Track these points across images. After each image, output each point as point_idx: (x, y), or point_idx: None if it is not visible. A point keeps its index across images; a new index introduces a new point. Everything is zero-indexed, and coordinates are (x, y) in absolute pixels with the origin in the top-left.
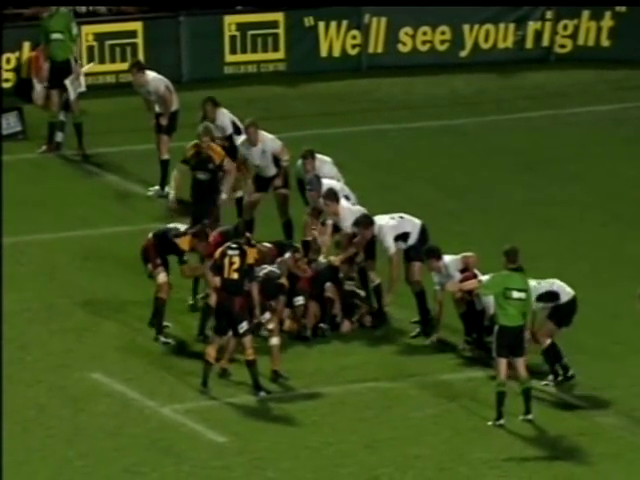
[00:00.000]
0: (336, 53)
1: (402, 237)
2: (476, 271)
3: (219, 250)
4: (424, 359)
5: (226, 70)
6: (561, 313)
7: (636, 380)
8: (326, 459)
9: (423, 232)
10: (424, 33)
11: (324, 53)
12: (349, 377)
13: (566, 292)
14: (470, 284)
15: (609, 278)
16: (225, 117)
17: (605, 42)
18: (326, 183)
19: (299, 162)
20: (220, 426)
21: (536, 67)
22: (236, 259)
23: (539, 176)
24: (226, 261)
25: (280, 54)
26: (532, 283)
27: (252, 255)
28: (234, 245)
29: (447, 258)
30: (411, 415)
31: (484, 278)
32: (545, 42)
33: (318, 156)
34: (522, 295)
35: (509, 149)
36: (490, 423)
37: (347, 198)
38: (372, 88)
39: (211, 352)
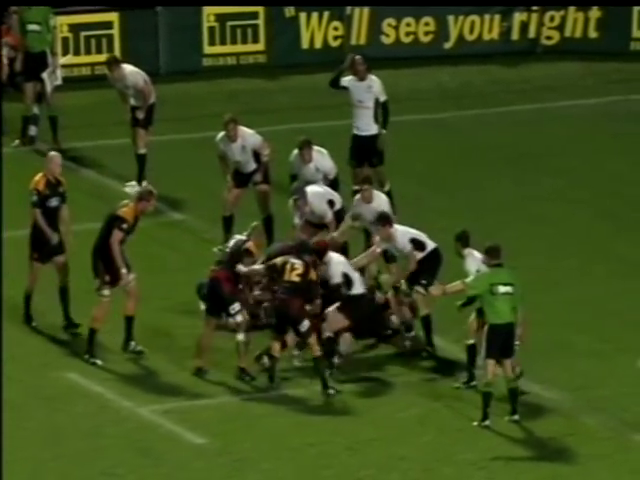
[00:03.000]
0: (318, 45)
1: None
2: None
3: (280, 259)
4: (408, 359)
5: (205, 62)
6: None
7: (625, 379)
8: (308, 460)
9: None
10: (407, 24)
11: (305, 45)
12: (332, 377)
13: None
14: (455, 287)
15: (598, 275)
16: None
17: (593, 34)
18: (310, 191)
19: (294, 154)
20: (199, 427)
21: (522, 59)
22: (299, 266)
23: (526, 171)
24: (288, 266)
25: (260, 46)
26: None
27: (314, 274)
28: (297, 259)
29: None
30: (395, 415)
31: (468, 279)
32: (531, 34)
33: (315, 147)
34: (509, 289)
35: (496, 144)
36: (476, 424)
37: (331, 203)
38: None
39: (276, 346)
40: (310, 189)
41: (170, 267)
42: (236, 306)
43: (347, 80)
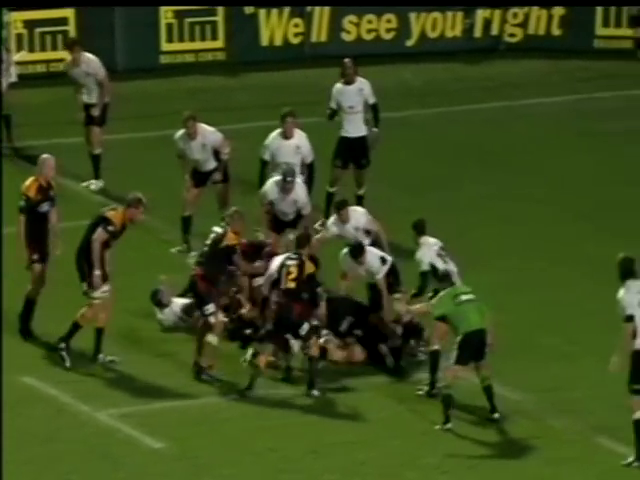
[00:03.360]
0: (278, 42)
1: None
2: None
3: (277, 263)
4: (372, 363)
5: (162, 60)
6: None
7: (593, 382)
8: (270, 465)
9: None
10: (369, 21)
11: (265, 42)
12: (295, 380)
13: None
14: (420, 309)
15: (567, 277)
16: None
17: (556, 31)
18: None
19: (272, 135)
20: (158, 431)
21: (485, 57)
22: (293, 269)
23: (493, 170)
24: (283, 271)
25: (219, 43)
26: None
27: (310, 267)
28: (294, 255)
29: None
30: (359, 419)
31: (433, 301)
32: (494, 31)
33: (297, 132)
34: (471, 296)
35: (461, 142)
36: (438, 427)
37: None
38: (316, 79)
39: (262, 358)
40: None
41: (130, 268)
42: (210, 307)
43: (336, 90)
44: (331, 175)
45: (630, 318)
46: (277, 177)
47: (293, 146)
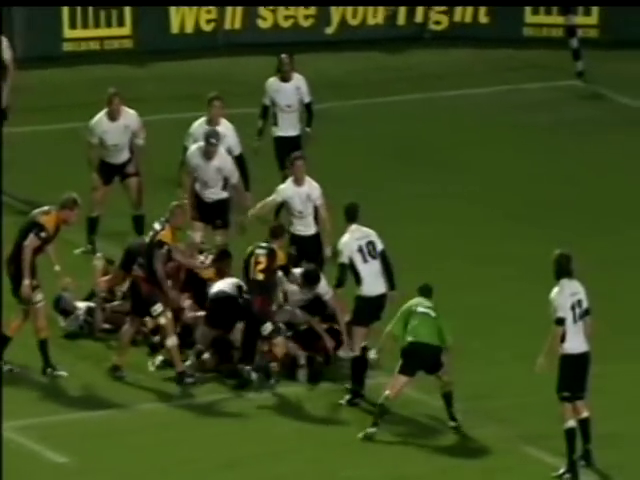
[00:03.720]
0: (189, 29)
1: None
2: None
3: (248, 250)
4: (286, 370)
5: (65, 47)
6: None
7: (523, 389)
8: None
9: None
10: (286, 8)
11: (175, 29)
12: (207, 389)
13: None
14: (386, 341)
15: (492, 278)
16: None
17: (483, 19)
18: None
19: (197, 123)
20: (61, 444)
21: (409, 45)
22: (263, 259)
23: (415, 166)
24: (252, 260)
25: (126, 30)
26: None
27: (282, 258)
28: (264, 244)
29: None
30: (274, 430)
31: (389, 328)
32: (418, 18)
33: (224, 121)
34: (429, 312)
35: (382, 136)
36: (361, 435)
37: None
38: (230, 68)
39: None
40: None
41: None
42: (157, 307)
43: (270, 86)
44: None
45: (561, 321)
46: (200, 143)
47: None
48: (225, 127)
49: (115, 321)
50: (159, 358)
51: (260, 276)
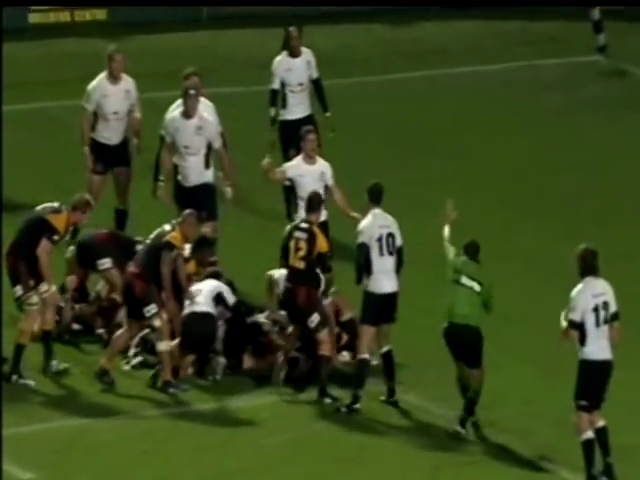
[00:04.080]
0: None
1: None
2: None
3: (286, 231)
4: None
5: (31, 19)
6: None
7: (528, 396)
8: None
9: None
10: None
11: None
12: (187, 397)
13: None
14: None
15: (494, 274)
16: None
17: None
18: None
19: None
20: (28, 459)
21: (411, 18)
22: (303, 244)
23: (413, 152)
24: (291, 245)
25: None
26: None
27: (323, 244)
28: (304, 225)
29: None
30: (262, 442)
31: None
32: None
33: (203, 99)
34: (474, 285)
35: (377, 119)
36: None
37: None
38: (214, 42)
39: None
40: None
41: None
42: (152, 308)
43: (280, 65)
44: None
45: (574, 324)
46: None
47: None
48: (204, 105)
49: (86, 321)
50: (138, 359)
51: (301, 264)
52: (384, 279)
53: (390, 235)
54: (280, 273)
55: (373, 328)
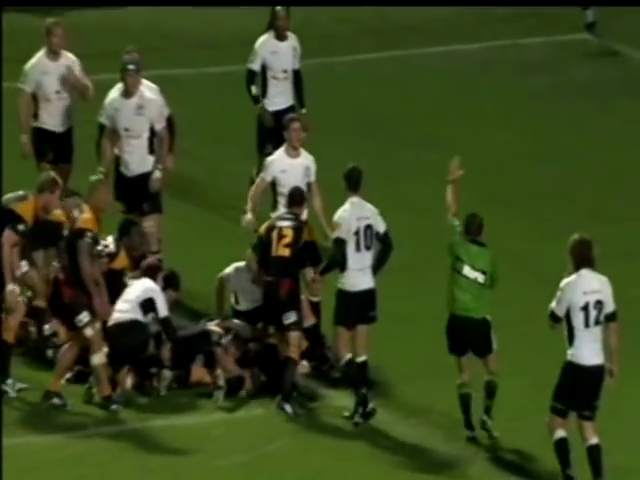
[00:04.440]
0: None
1: None
2: None
3: (265, 225)
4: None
5: None
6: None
7: (513, 414)
8: None
9: None
10: None
11: None
12: (130, 414)
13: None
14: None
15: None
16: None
17: None
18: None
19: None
20: None
21: None
22: (289, 232)
23: (385, 141)
24: (274, 235)
25: None
26: None
27: (310, 234)
28: (288, 215)
29: None
30: (214, 464)
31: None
32: None
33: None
34: (477, 275)
35: (345, 103)
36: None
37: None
38: (158, 20)
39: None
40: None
41: None
42: (83, 316)
43: (264, 45)
44: (258, 165)
45: (554, 317)
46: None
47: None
48: (147, 87)
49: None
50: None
51: (286, 252)
52: (360, 275)
53: (369, 227)
54: (232, 267)
55: (348, 331)
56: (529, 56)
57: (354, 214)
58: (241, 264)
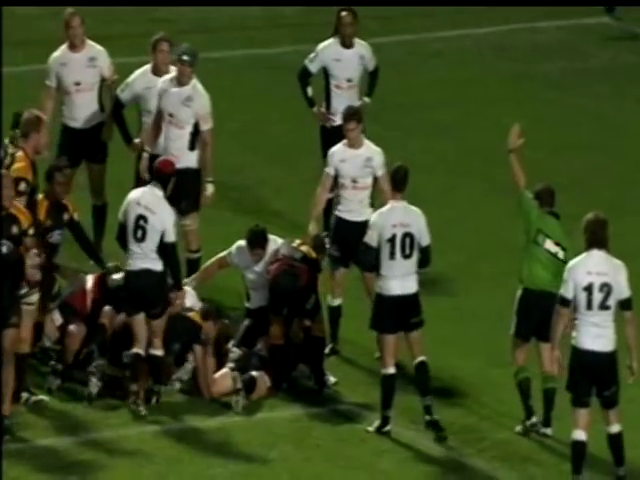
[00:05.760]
0: None
1: None
2: None
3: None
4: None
5: None
6: None
7: (504, 409)
8: None
9: None
10: None
11: None
12: (116, 420)
13: None
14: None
15: (486, 274)
16: None
17: None
18: None
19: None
20: None
21: None
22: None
23: (391, 128)
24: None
25: None
26: None
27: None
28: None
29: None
30: (208, 473)
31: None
32: None
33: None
34: (558, 251)
35: None
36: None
37: None
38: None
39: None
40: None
41: None
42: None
43: (326, 51)
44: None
45: (564, 301)
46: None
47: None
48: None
49: None
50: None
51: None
52: (394, 281)
53: (407, 235)
54: (235, 246)
55: (389, 336)
56: (544, 40)
57: (390, 220)
58: (243, 242)
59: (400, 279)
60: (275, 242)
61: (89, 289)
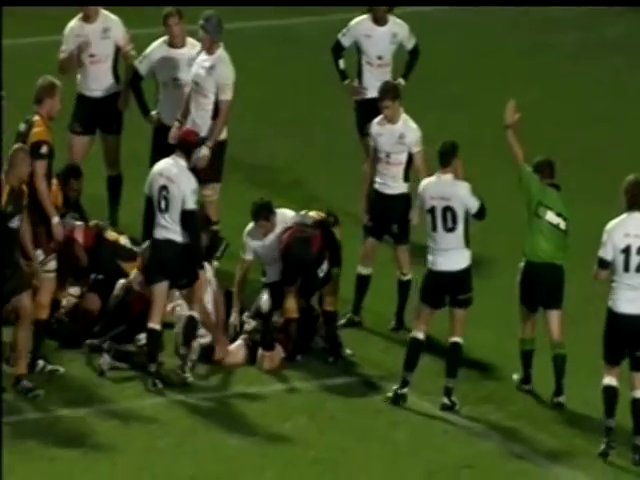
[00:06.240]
0: None
1: None
2: None
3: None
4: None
5: None
6: None
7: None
8: None
9: None
10: None
11: None
12: (129, 392)
13: None
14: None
15: (502, 244)
16: None
17: None
18: None
19: (155, 44)
20: None
21: None
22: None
23: (409, 102)
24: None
25: None
26: None
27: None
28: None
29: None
30: (226, 443)
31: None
32: None
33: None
34: (559, 221)
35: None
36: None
37: None
38: None
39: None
40: None
41: None
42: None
43: (358, 27)
44: (363, 148)
45: (603, 263)
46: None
47: (186, 57)
48: (193, 47)
49: None
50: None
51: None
52: (438, 255)
53: (448, 209)
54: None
55: (429, 309)
56: (558, 11)
57: (429, 191)
58: (249, 225)
59: (445, 254)
60: (283, 215)
61: (79, 241)
